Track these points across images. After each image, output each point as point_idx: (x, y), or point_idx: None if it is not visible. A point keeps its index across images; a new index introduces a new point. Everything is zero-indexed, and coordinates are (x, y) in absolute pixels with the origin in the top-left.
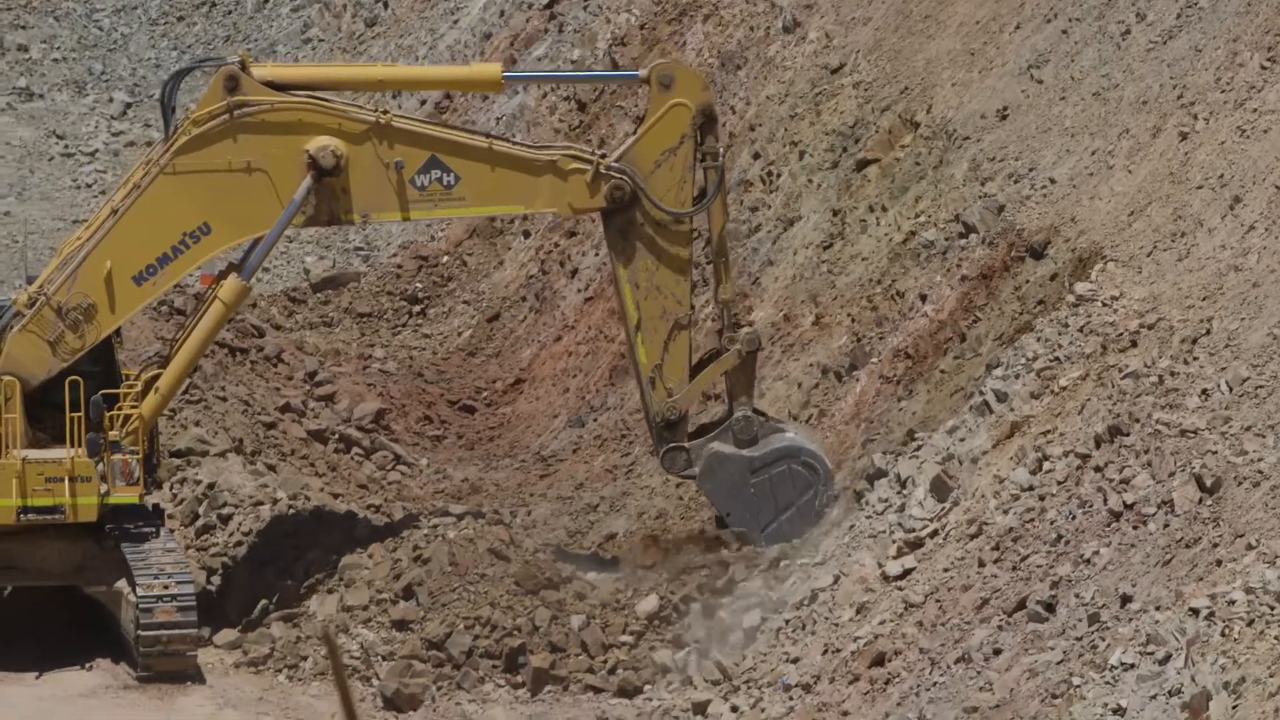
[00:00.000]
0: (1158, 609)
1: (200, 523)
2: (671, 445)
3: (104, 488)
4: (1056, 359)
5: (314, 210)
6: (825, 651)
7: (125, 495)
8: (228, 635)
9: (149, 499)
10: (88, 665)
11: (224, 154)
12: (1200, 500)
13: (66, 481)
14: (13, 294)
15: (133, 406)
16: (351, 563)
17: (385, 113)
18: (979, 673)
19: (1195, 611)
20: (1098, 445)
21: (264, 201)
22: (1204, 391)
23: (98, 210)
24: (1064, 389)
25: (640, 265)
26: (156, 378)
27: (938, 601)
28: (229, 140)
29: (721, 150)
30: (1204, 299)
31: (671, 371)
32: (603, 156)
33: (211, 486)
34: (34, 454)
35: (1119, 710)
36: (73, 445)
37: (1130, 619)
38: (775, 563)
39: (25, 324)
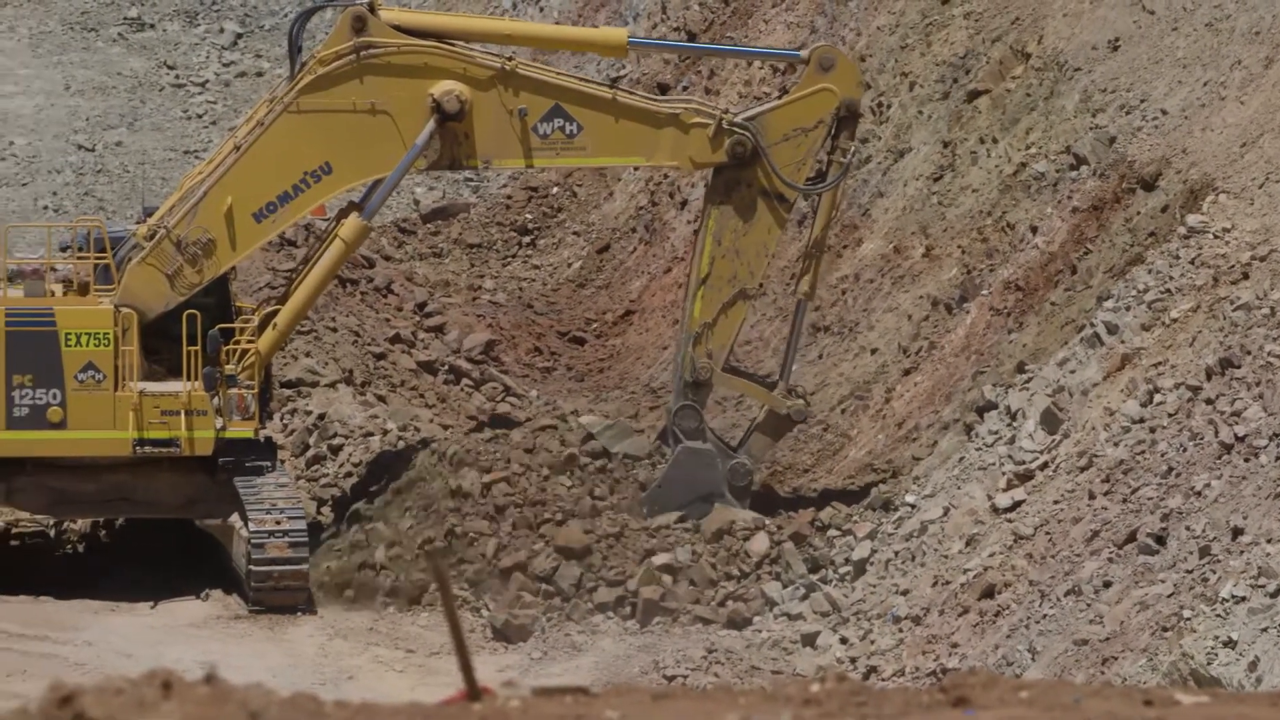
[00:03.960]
0: (1269, 541)
1: (310, 453)
2: (689, 403)
3: (219, 422)
4: (1167, 291)
5: (436, 154)
6: (935, 584)
7: (240, 430)
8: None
9: (262, 433)
10: (203, 595)
11: (348, 94)
12: None
13: (183, 415)
14: (130, 225)
15: (249, 341)
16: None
17: (511, 59)
18: (1089, 605)
19: None
20: (1209, 377)
21: (386, 143)
22: None
23: (216, 144)
24: (1175, 321)
25: (730, 224)
26: (274, 314)
27: (1048, 534)
28: (354, 81)
29: (853, 149)
30: None
31: (718, 335)
32: (725, 111)
33: (322, 417)
34: (150, 387)
35: (1230, 643)
36: (189, 379)
37: (1241, 551)
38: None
39: (144, 256)
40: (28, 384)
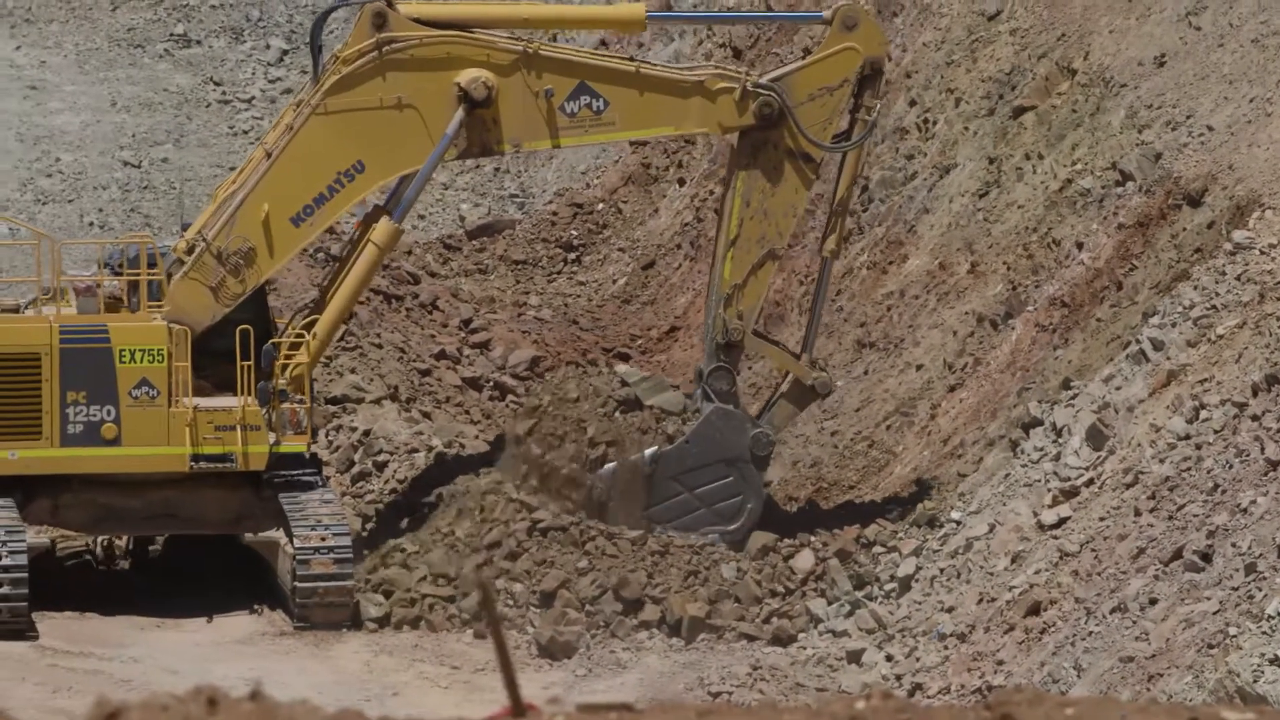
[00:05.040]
0: None
1: (355, 470)
2: (721, 365)
3: (273, 437)
4: (1214, 307)
5: (465, 143)
6: (980, 600)
7: (294, 444)
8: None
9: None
10: (255, 609)
11: (374, 91)
12: None
13: (238, 430)
14: (171, 241)
15: (289, 354)
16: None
17: (531, 41)
18: (1135, 622)
19: None
20: (1255, 394)
21: (416, 137)
22: None
23: (249, 156)
24: (1221, 337)
25: (758, 186)
26: (313, 323)
27: (1093, 551)
28: (378, 78)
29: (877, 106)
30: None
31: (748, 296)
32: (748, 74)
33: (367, 434)
34: (204, 402)
35: (1276, 660)
36: (242, 394)
37: None
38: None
39: (187, 271)
40: (81, 401)
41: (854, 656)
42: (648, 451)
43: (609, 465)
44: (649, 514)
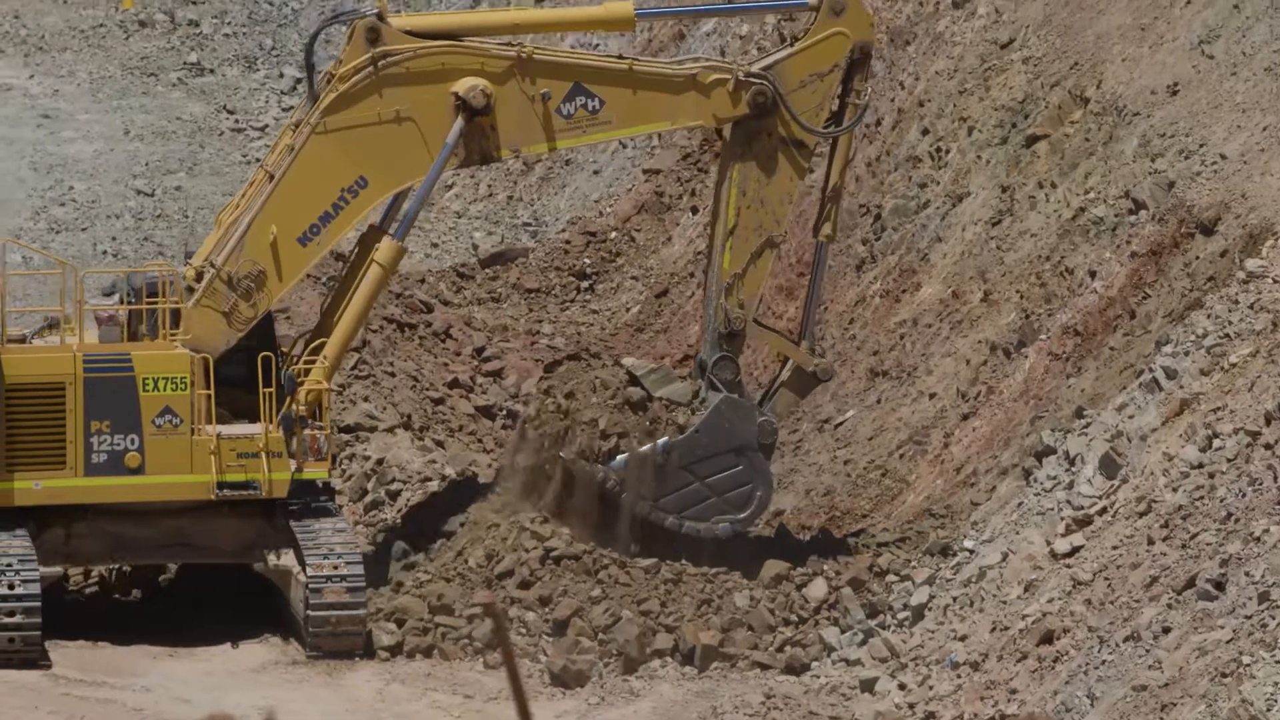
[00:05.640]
0: None
1: (369, 498)
2: (725, 354)
3: (293, 464)
4: (1227, 336)
5: (465, 152)
6: (993, 629)
7: (315, 471)
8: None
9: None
10: (261, 639)
11: (372, 106)
12: None
13: (262, 457)
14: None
15: (302, 379)
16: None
17: (524, 46)
18: (1148, 651)
19: None
20: (1268, 422)
21: (415, 149)
22: None
23: (249, 178)
24: (1234, 366)
25: (753, 175)
26: (320, 346)
27: (1106, 579)
28: (375, 93)
29: (868, 90)
30: None
31: (748, 284)
32: (738, 65)
33: (380, 462)
34: (226, 429)
35: None
36: (260, 420)
37: None
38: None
39: (199, 298)
40: (105, 430)
41: (867, 685)
42: (660, 442)
43: (620, 456)
44: (661, 504)
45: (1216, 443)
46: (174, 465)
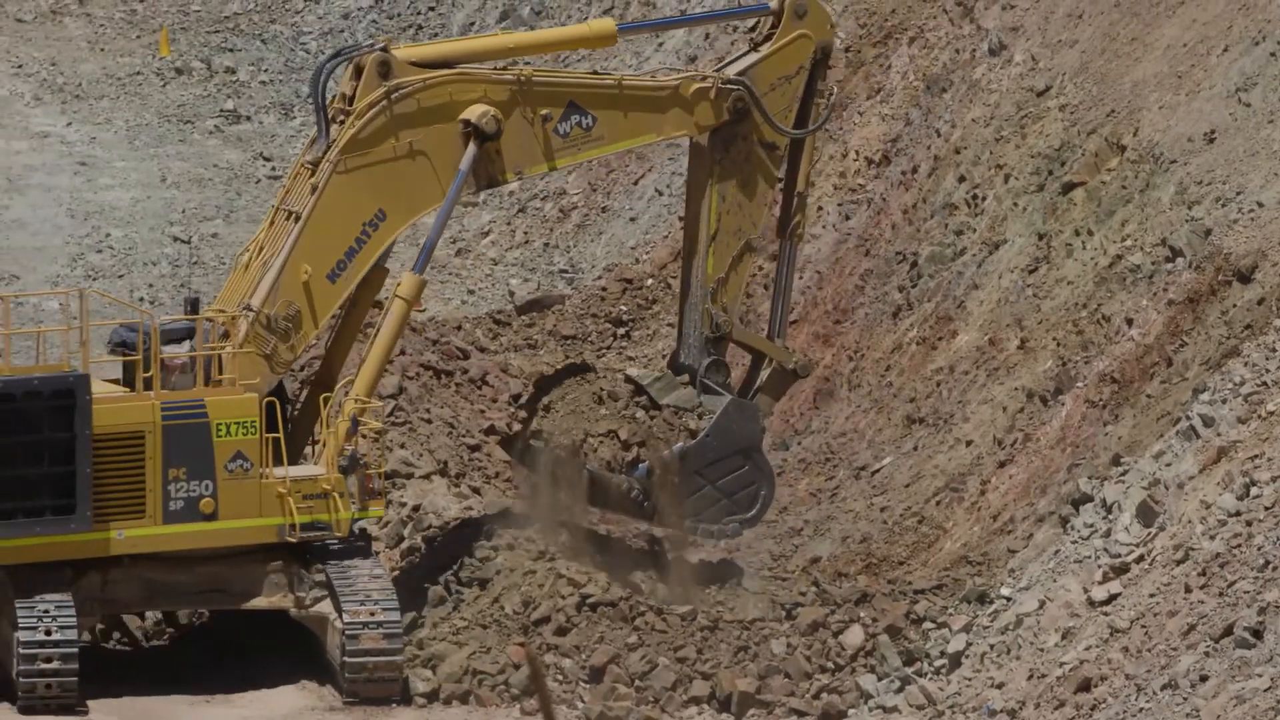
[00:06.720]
0: None
1: (404, 544)
2: (716, 358)
3: (354, 504)
4: (1264, 384)
5: (474, 178)
6: (1030, 677)
7: (373, 510)
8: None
9: (357, 524)
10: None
11: (388, 141)
12: None
13: (331, 498)
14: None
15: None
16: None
17: (522, 70)
18: (1185, 699)
19: None
20: None
21: (428, 179)
22: None
23: (265, 219)
24: (1271, 414)
25: (732, 179)
26: (328, 397)
27: (1144, 627)
28: (390, 126)
29: (832, 87)
30: None
31: (731, 288)
32: (716, 74)
33: (416, 509)
34: (294, 472)
35: None
36: (317, 462)
37: None
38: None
39: (240, 343)
40: (182, 477)
41: None
42: (676, 447)
43: (642, 465)
44: (700, 519)
45: (1254, 490)
46: (245, 509)
